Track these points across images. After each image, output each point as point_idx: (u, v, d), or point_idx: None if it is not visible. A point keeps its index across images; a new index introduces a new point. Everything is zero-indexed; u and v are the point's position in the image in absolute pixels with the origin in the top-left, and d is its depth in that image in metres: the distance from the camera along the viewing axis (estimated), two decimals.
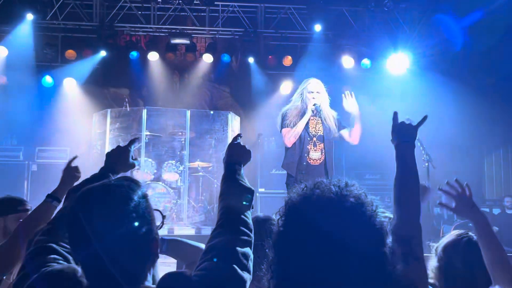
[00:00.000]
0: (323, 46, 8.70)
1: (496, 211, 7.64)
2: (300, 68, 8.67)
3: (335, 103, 4.64)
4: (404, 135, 1.60)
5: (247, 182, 1.60)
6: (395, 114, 1.73)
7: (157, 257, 1.31)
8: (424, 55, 8.22)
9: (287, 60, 8.49)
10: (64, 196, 1.79)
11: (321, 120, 4.42)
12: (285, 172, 7.62)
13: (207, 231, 6.86)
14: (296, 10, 8.30)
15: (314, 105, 4.31)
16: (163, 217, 1.40)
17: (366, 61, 8.50)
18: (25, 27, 7.63)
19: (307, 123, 4.39)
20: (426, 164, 5.15)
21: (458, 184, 1.93)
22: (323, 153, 4.39)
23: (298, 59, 8.59)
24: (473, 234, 1.97)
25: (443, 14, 7.90)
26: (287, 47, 8.59)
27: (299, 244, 1.05)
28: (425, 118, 1.71)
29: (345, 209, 1.06)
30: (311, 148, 4.37)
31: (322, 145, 4.40)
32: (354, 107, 4.33)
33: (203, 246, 1.84)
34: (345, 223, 1.04)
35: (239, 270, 1.29)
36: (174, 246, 1.79)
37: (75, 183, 2.18)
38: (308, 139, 4.37)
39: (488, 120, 8.09)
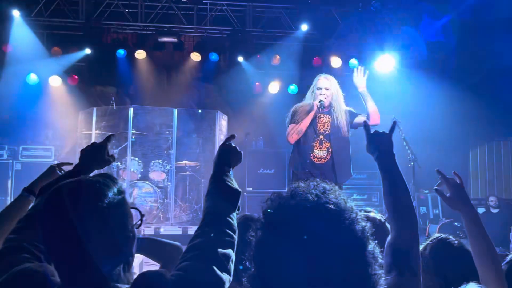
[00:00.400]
0: (311, 46, 8.74)
1: (481, 210, 7.72)
2: (288, 67, 8.69)
3: None
4: (381, 145, 1.57)
5: (235, 184, 1.56)
6: (366, 124, 1.71)
7: (132, 256, 1.28)
8: (410, 56, 8.28)
9: (276, 60, 8.49)
10: (37, 193, 1.75)
11: (331, 118, 4.30)
12: (272, 171, 7.68)
13: (194, 231, 6.82)
14: (285, 9, 8.30)
15: (319, 102, 4.20)
16: (142, 215, 1.38)
17: (353, 61, 8.53)
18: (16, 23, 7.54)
19: (316, 120, 4.28)
20: (412, 163, 5.18)
21: (457, 176, 1.92)
22: (329, 153, 4.27)
23: (286, 58, 8.60)
24: (452, 238, 1.99)
25: (429, 15, 7.97)
26: (276, 46, 8.58)
27: (277, 256, 1.01)
28: (394, 123, 1.69)
29: (323, 218, 1.02)
30: (315, 146, 4.27)
31: (328, 144, 4.29)
32: (360, 82, 4.22)
33: (179, 244, 1.85)
34: (323, 232, 1.00)
35: (218, 271, 1.27)
36: (148, 245, 1.75)
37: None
38: (314, 136, 4.27)
39: (473, 119, 8.17)
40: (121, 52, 8.16)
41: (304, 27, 8.08)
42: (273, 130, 8.09)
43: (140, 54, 8.23)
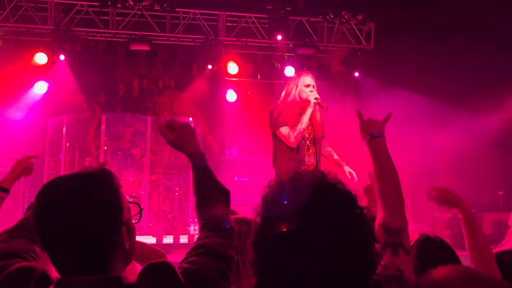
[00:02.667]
0: (283, 55, 8.88)
1: (448, 215, 7.99)
2: (260, 76, 8.79)
3: None
4: (373, 129, 1.62)
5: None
6: (359, 112, 1.75)
7: (126, 247, 1.27)
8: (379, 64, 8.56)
9: (248, 68, 8.57)
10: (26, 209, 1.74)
11: (311, 121, 3.98)
12: (246, 179, 7.68)
13: (169, 239, 6.74)
14: (257, 19, 8.40)
15: (316, 100, 3.82)
16: (141, 209, 1.37)
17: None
18: None
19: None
20: None
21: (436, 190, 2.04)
22: (315, 158, 3.96)
23: (259, 67, 8.70)
24: (434, 236, 2.07)
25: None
26: (248, 55, 8.66)
27: (277, 241, 1.00)
28: (389, 114, 1.74)
29: (323, 201, 1.02)
30: (306, 153, 3.93)
31: (314, 148, 3.97)
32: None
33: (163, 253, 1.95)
34: (323, 215, 1.00)
35: (225, 269, 1.33)
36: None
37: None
38: (303, 142, 3.92)
39: (439, 123, 8.48)
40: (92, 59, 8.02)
41: (277, 36, 8.19)
42: (247, 137, 8.14)
43: (111, 62, 8.11)
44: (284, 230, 0.99)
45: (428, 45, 8.47)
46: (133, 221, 1.33)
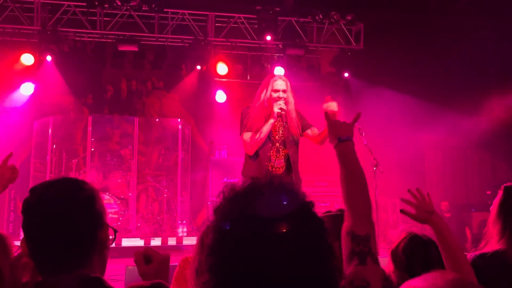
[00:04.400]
0: (272, 56, 8.87)
1: None
2: (250, 77, 8.76)
3: None
4: (342, 132, 1.55)
5: None
6: (327, 114, 1.70)
7: (104, 246, 1.32)
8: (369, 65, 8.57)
9: (238, 69, 8.53)
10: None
11: (285, 123, 3.86)
12: (236, 180, 7.63)
13: (157, 241, 6.67)
14: (246, 19, 8.37)
15: (280, 110, 3.72)
16: (115, 231, 1.40)
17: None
18: None
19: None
20: (374, 168, 5.30)
21: (419, 193, 1.94)
22: (286, 160, 3.86)
23: (248, 68, 8.67)
24: (421, 234, 2.05)
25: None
26: (237, 56, 8.63)
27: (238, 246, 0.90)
28: (358, 114, 1.69)
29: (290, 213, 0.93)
30: (272, 155, 3.82)
31: (285, 151, 3.86)
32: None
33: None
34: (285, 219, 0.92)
35: None
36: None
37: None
38: (270, 145, 3.83)
39: (428, 124, 8.51)
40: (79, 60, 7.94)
41: (266, 37, 8.17)
42: (236, 138, 8.08)
43: (98, 62, 8.04)
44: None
45: (417, 46, 8.50)
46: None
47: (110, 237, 1.39)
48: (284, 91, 3.81)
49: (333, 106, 3.66)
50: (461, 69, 8.67)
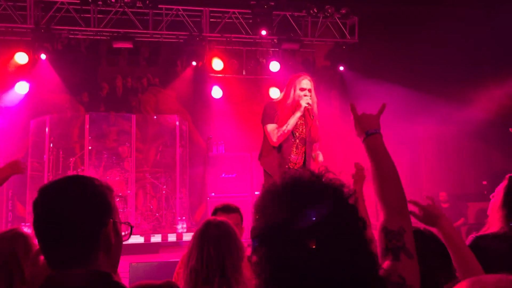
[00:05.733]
0: (267, 51, 8.87)
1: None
2: (245, 72, 8.76)
3: None
4: (369, 126, 1.52)
5: None
6: (352, 106, 1.65)
7: (109, 243, 1.33)
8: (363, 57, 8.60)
9: (233, 64, 8.52)
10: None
11: (305, 122, 4.04)
12: (234, 175, 7.66)
13: (157, 238, 6.69)
14: (241, 14, 8.35)
15: (307, 104, 3.89)
16: (131, 227, 1.47)
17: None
18: None
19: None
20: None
21: (428, 198, 1.98)
22: (302, 158, 4.03)
23: (243, 63, 8.66)
24: (424, 229, 2.08)
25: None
26: (233, 51, 8.62)
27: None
28: (384, 106, 1.65)
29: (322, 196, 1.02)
30: (293, 151, 4.01)
31: (303, 148, 4.03)
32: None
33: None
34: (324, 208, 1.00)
35: None
36: None
37: None
38: (292, 140, 4.00)
39: (422, 115, 8.56)
40: (74, 57, 7.90)
41: (261, 32, 8.17)
42: (234, 134, 8.10)
43: (94, 60, 8.00)
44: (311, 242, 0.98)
45: (411, 38, 8.53)
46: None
47: (124, 233, 1.43)
48: (309, 90, 3.99)
49: None
50: (455, 60, 8.71)
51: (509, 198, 2.27)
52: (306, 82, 3.99)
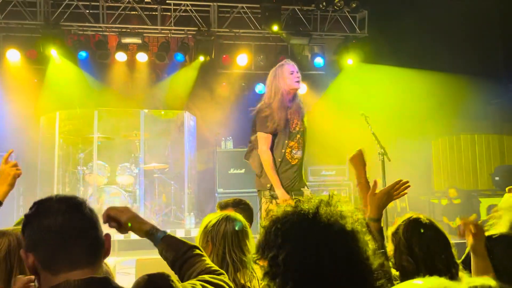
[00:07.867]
0: (276, 45, 8.81)
1: (444, 201, 8.02)
2: (254, 67, 8.72)
3: None
4: (379, 213, 1.96)
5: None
6: (375, 183, 2.06)
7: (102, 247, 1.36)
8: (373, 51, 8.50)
9: (241, 59, 8.48)
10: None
11: (300, 113, 3.90)
12: (243, 171, 7.63)
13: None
14: (249, 9, 8.30)
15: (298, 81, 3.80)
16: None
17: (319, 60, 8.70)
18: None
19: (289, 120, 3.82)
20: (382, 157, 5.27)
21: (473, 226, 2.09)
22: (302, 152, 3.92)
23: (252, 58, 8.62)
24: (422, 216, 2.08)
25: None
26: (241, 46, 8.58)
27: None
28: (376, 183, 2.06)
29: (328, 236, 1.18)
30: (294, 146, 3.86)
31: (302, 142, 3.91)
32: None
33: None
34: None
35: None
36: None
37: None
38: (294, 136, 3.87)
39: (434, 109, 8.46)
40: (83, 54, 7.94)
41: (271, 26, 8.10)
42: (242, 129, 8.06)
43: (103, 56, 8.04)
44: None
45: (421, 31, 8.40)
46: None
47: None
48: (297, 72, 3.90)
49: None
50: (467, 52, 8.56)
51: None
52: (291, 64, 3.90)
